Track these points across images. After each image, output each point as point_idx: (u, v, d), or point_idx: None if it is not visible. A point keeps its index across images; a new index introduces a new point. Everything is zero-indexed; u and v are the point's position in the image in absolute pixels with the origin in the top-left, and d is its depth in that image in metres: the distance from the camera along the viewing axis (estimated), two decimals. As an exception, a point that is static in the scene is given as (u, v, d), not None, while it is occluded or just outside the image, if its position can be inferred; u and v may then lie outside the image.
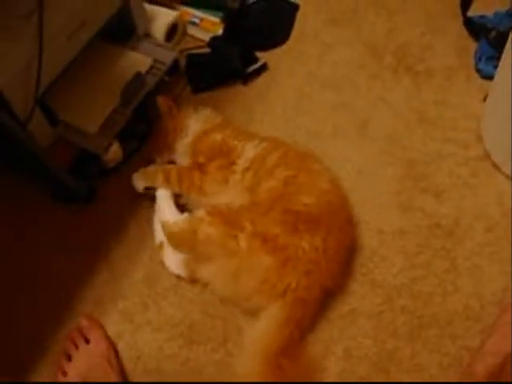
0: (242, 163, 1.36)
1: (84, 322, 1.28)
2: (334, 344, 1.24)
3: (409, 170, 1.46)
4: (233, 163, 1.36)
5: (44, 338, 1.29)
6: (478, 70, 1.61)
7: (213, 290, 1.27)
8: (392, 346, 1.23)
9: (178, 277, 1.33)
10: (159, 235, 1.35)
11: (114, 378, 1.19)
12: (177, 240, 1.27)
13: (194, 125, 1.46)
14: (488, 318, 1.24)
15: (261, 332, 1.19)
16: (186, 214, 1.32)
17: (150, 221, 1.42)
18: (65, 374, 1.22)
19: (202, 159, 1.39)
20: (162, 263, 1.35)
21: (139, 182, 1.42)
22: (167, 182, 1.39)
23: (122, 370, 1.23)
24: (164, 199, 1.38)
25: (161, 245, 1.34)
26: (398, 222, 1.39)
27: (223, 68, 1.64)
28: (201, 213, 1.25)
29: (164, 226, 1.28)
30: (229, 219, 1.23)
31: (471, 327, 1.24)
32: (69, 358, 1.24)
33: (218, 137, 1.41)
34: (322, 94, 1.63)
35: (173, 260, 1.32)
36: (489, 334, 1.18)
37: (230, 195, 1.33)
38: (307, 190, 1.29)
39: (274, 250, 1.19)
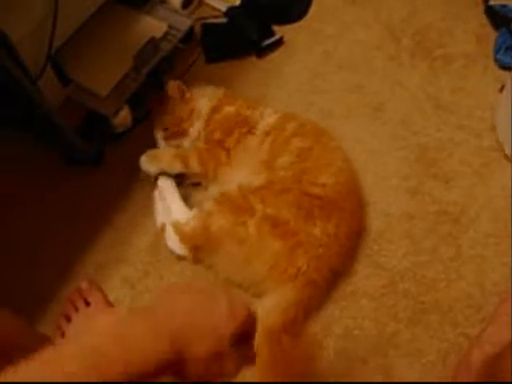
0: (261, 128, 1.34)
1: (85, 285, 1.27)
2: (335, 323, 1.24)
3: (420, 155, 1.45)
4: (251, 130, 1.35)
5: (45, 298, 1.28)
6: (497, 60, 1.59)
7: (219, 274, 1.27)
8: (392, 328, 1.23)
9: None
10: (160, 217, 1.33)
11: None
12: (190, 239, 1.26)
13: (203, 105, 1.43)
14: (489, 307, 1.24)
15: (268, 309, 1.18)
16: (194, 210, 1.29)
17: (153, 188, 1.40)
18: (63, 334, 1.22)
19: (218, 135, 1.36)
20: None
21: (151, 168, 1.38)
22: (186, 167, 1.36)
23: None
24: (168, 190, 1.35)
25: (162, 227, 1.32)
26: (406, 206, 1.38)
27: (239, 39, 1.62)
28: (209, 205, 1.24)
29: (175, 227, 1.27)
30: (238, 205, 1.22)
31: (472, 316, 1.24)
32: (68, 320, 1.23)
33: (230, 109, 1.39)
34: (338, 73, 1.61)
35: (176, 242, 1.30)
36: (488, 324, 1.18)
37: (248, 171, 1.31)
38: (325, 168, 1.28)
39: (284, 235, 1.19)
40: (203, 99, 1.44)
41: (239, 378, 1.15)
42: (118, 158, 1.47)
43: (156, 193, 1.37)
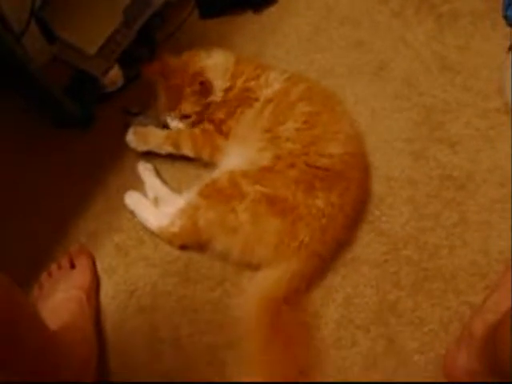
0: (263, 96, 1.26)
1: (74, 248, 1.23)
2: (335, 291, 1.21)
3: (425, 117, 1.39)
4: (253, 104, 1.27)
5: (37, 265, 1.24)
6: (506, 17, 1.51)
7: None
8: (394, 296, 1.20)
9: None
10: (151, 192, 1.29)
11: (86, 316, 1.14)
12: (180, 238, 1.22)
13: (219, 64, 1.31)
14: (493, 275, 1.21)
15: (270, 281, 1.15)
16: (178, 202, 1.23)
17: (147, 152, 1.35)
18: (41, 286, 1.19)
19: (221, 115, 1.28)
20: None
21: (138, 147, 1.32)
22: (178, 150, 1.30)
23: (97, 310, 1.19)
24: (137, 202, 1.28)
25: (155, 200, 1.28)
26: (409, 170, 1.33)
27: (234, -7, 1.54)
28: (195, 198, 1.19)
29: (161, 233, 1.22)
30: (226, 194, 1.16)
31: (475, 283, 1.21)
32: (50, 275, 1.21)
33: (239, 82, 1.29)
34: (339, 29, 1.53)
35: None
36: (491, 292, 1.15)
37: (252, 147, 1.24)
38: (333, 135, 1.22)
39: (282, 212, 1.14)
40: (218, 58, 1.33)
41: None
42: (109, 118, 1.41)
43: (141, 168, 1.32)
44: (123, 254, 1.26)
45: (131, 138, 1.32)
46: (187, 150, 1.30)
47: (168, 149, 1.31)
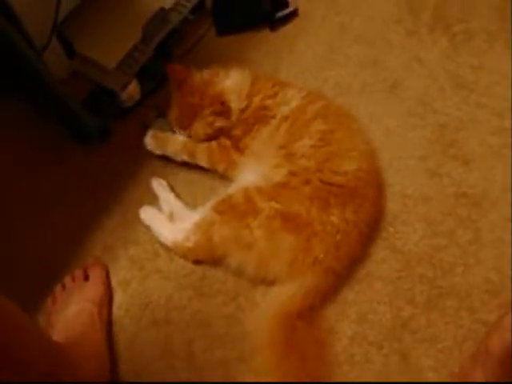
0: (280, 114, 1.27)
1: (90, 261, 1.24)
2: (349, 307, 1.21)
3: (438, 135, 1.40)
4: (269, 121, 1.28)
5: (52, 278, 1.25)
6: (519, 36, 1.53)
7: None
8: (408, 313, 1.19)
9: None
10: (165, 206, 1.30)
11: (97, 329, 1.14)
12: (195, 254, 1.22)
13: (236, 85, 1.32)
14: (507, 293, 1.20)
15: (285, 297, 1.16)
16: (186, 224, 1.23)
17: (163, 165, 1.37)
18: (55, 299, 1.20)
19: (238, 132, 1.29)
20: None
21: (156, 150, 1.35)
22: (193, 161, 1.32)
23: (108, 324, 1.20)
24: (152, 216, 1.29)
25: (170, 215, 1.28)
26: (424, 187, 1.33)
27: (251, 10, 1.56)
28: (209, 213, 1.20)
29: (176, 248, 1.23)
30: (241, 210, 1.17)
31: (489, 301, 1.20)
32: (63, 288, 1.21)
33: (256, 100, 1.30)
34: (354, 48, 1.55)
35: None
36: (507, 310, 1.14)
37: (266, 164, 1.25)
38: (348, 152, 1.23)
39: (297, 228, 1.15)
40: (236, 78, 1.33)
41: (242, 347, 1.16)
42: (126, 132, 1.42)
43: (155, 184, 1.33)
44: (138, 267, 1.26)
45: (149, 141, 1.34)
46: (203, 162, 1.31)
47: (184, 157, 1.33)
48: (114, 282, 1.25)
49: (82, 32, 1.38)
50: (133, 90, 1.39)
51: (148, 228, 1.28)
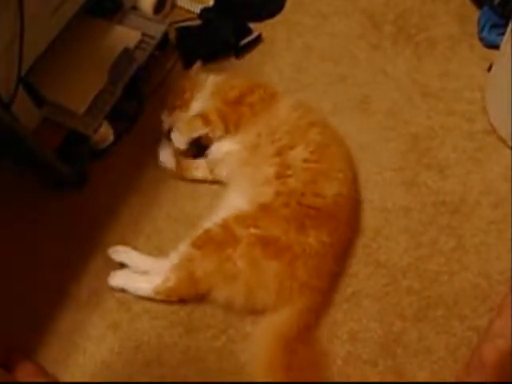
0: (284, 102, 1.32)
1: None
2: (339, 327, 1.20)
3: (412, 145, 1.41)
4: (272, 100, 1.33)
5: (39, 328, 1.24)
6: (482, 39, 1.55)
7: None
8: (398, 328, 1.19)
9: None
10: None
11: None
12: (177, 292, 1.21)
13: (209, 80, 1.42)
14: (496, 297, 1.21)
15: (281, 321, 1.16)
16: (168, 260, 1.22)
17: (142, 205, 1.37)
18: None
19: (235, 93, 1.33)
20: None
21: (183, 137, 1.34)
22: (207, 123, 1.32)
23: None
24: (125, 276, 1.26)
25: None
26: (402, 199, 1.34)
27: (215, 41, 1.57)
28: (187, 250, 1.19)
29: (157, 293, 1.21)
30: (219, 241, 1.17)
31: (479, 307, 1.21)
32: None
33: (243, 81, 1.39)
34: (320, 66, 1.56)
35: None
36: (497, 315, 1.14)
37: (261, 164, 1.26)
38: (335, 173, 1.25)
39: (278, 253, 1.15)
40: (210, 76, 1.44)
41: (239, 378, 1.15)
42: (102, 174, 1.42)
43: (114, 254, 1.29)
44: (126, 308, 1.25)
45: (175, 135, 1.35)
46: (215, 118, 1.32)
47: (199, 124, 1.33)
48: (103, 326, 1.24)
49: (48, 79, 1.38)
50: (105, 132, 1.39)
51: (123, 290, 1.26)
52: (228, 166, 1.33)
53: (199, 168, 1.38)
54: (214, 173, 1.36)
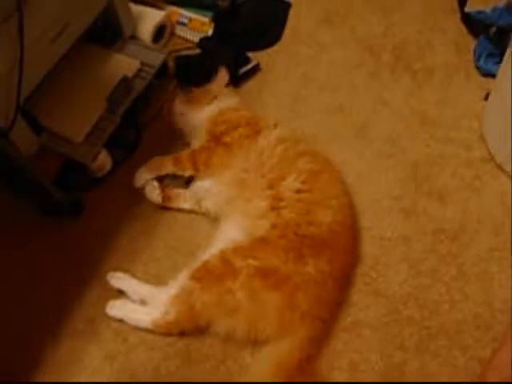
0: (269, 136, 1.32)
1: None
2: (338, 358, 1.18)
3: (410, 173, 1.41)
4: (256, 135, 1.33)
5: (33, 359, 1.22)
6: (478, 68, 1.56)
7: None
8: (399, 359, 1.17)
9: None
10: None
11: None
12: (177, 326, 1.19)
13: (224, 102, 1.44)
14: (499, 326, 1.19)
15: (282, 352, 1.14)
16: (167, 290, 1.21)
17: (139, 233, 1.36)
18: None
19: (222, 128, 1.34)
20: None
21: (143, 175, 1.38)
22: (176, 165, 1.35)
23: None
24: (123, 308, 1.24)
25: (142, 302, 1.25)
26: (401, 227, 1.33)
27: (214, 70, 1.56)
28: (187, 283, 1.17)
29: (156, 326, 1.19)
30: (218, 274, 1.16)
31: (481, 337, 1.19)
32: None
33: (246, 113, 1.40)
34: (318, 95, 1.57)
35: None
36: (501, 344, 1.12)
37: (253, 198, 1.25)
38: (328, 201, 1.24)
39: (278, 284, 1.14)
40: (229, 95, 1.48)
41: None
42: (100, 202, 1.41)
43: (113, 280, 1.28)
44: (122, 339, 1.23)
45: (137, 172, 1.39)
46: (185, 162, 1.35)
47: (170, 165, 1.37)
48: (99, 356, 1.22)
49: (47, 108, 1.39)
50: (103, 160, 1.39)
51: (122, 321, 1.24)
52: (214, 201, 1.32)
53: (186, 200, 1.38)
54: (201, 206, 1.36)
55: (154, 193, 1.38)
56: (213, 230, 1.32)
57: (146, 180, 1.38)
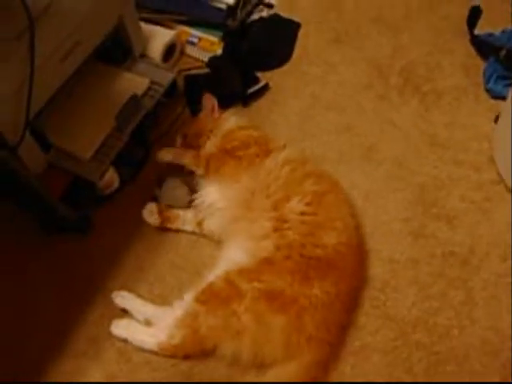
0: (278, 156, 1.31)
1: None
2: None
3: (419, 196, 1.40)
4: (268, 153, 1.32)
5: (36, 378, 1.20)
6: (488, 90, 1.56)
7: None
8: (408, 384, 1.15)
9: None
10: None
11: None
12: (182, 350, 1.18)
13: (227, 124, 1.43)
14: (507, 352, 1.17)
15: (288, 375, 1.13)
16: (172, 310, 1.20)
17: (145, 252, 1.35)
18: None
19: (234, 144, 1.35)
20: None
21: (166, 155, 1.39)
22: (194, 158, 1.37)
23: None
24: (127, 328, 1.23)
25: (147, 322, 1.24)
26: (410, 250, 1.32)
27: (223, 89, 1.58)
28: (192, 305, 1.16)
29: (162, 349, 1.18)
30: (223, 297, 1.15)
31: (490, 363, 1.17)
32: None
33: (254, 132, 1.39)
34: (327, 116, 1.57)
35: None
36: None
37: (257, 218, 1.24)
38: (333, 222, 1.23)
39: (284, 307, 1.13)
40: (230, 119, 1.45)
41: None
42: (107, 220, 1.41)
43: (118, 299, 1.28)
44: (125, 359, 1.22)
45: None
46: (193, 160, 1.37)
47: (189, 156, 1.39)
48: (102, 376, 1.20)
49: (55, 125, 1.39)
50: (110, 178, 1.39)
51: (126, 341, 1.22)
52: (217, 221, 1.32)
53: (186, 222, 1.38)
54: (203, 227, 1.35)
55: (151, 217, 1.38)
56: (218, 249, 1.32)
57: (166, 161, 1.40)
